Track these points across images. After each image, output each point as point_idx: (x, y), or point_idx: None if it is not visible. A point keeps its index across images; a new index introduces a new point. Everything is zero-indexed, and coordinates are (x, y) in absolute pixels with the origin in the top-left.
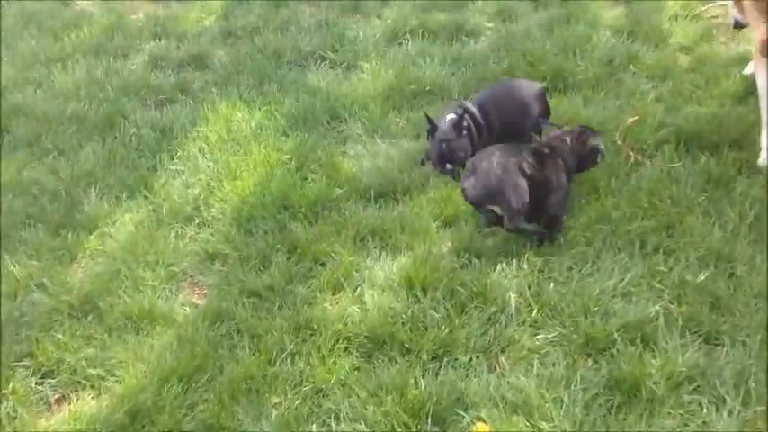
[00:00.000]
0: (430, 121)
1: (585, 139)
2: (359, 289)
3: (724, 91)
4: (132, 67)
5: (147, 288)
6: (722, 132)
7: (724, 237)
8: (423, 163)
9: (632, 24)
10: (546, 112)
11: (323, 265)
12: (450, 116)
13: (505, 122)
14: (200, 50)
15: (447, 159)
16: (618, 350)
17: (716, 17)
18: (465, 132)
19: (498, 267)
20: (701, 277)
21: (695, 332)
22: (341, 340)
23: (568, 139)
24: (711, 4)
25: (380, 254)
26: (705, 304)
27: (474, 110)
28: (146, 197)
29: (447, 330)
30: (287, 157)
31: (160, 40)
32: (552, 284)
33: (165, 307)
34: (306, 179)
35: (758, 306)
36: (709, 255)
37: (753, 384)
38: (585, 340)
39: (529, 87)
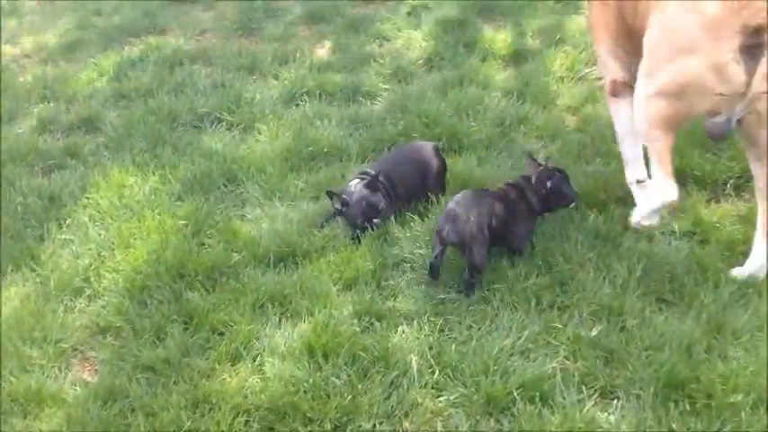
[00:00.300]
0: (333, 195)
1: (545, 180)
2: (259, 358)
3: (609, 149)
4: (19, 131)
5: (34, 367)
6: (608, 190)
7: (614, 291)
8: (322, 226)
9: (521, 86)
10: (444, 168)
11: (221, 334)
12: (357, 180)
13: (407, 184)
14: (91, 113)
15: (371, 216)
16: (518, 409)
17: (600, 79)
18: (378, 188)
19: (399, 329)
20: (595, 332)
21: (591, 387)
22: (241, 414)
23: (533, 180)
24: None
25: (280, 320)
26: (599, 359)
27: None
28: (32, 269)
29: (350, 397)
30: (182, 222)
31: (49, 102)
32: (453, 345)
33: (54, 386)
34: (202, 245)
35: (650, 359)
36: (600, 309)
37: None
38: (487, 400)
39: (424, 148)
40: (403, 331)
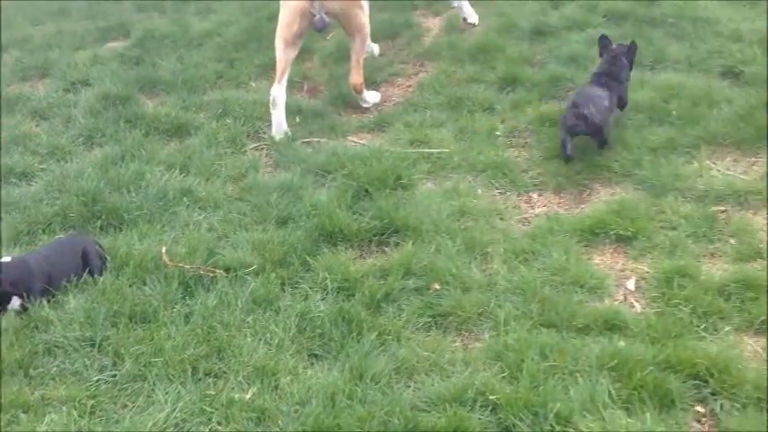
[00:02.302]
0: None
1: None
2: None
3: (268, 216)
4: None
5: None
6: (266, 254)
7: (269, 352)
8: None
9: (185, 159)
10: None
11: None
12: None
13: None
14: None
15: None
16: None
17: (261, 148)
18: None
19: (47, 419)
20: (249, 394)
21: None
22: None
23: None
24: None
25: None
26: (251, 420)
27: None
28: None
29: None
30: None
31: None
32: (101, 427)
33: None
34: None
35: (298, 413)
36: (256, 371)
37: None
38: None
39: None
40: (51, 420)
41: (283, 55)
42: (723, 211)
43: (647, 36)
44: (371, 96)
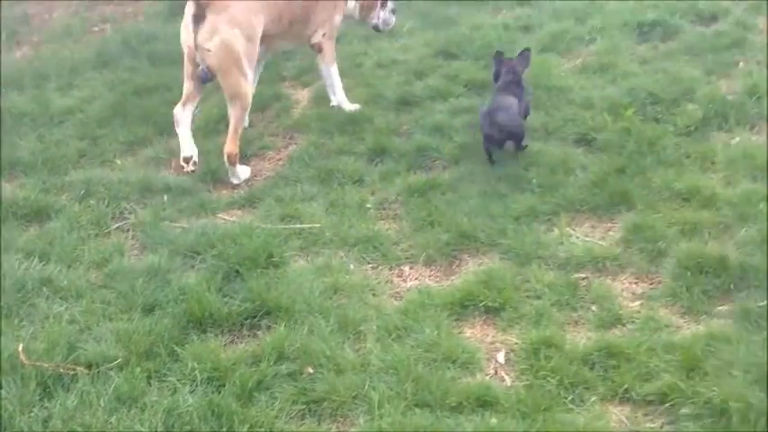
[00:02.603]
0: None
1: None
2: None
3: (134, 305)
4: None
5: None
6: (131, 345)
7: None
8: None
9: (45, 246)
10: None
11: None
12: None
13: None
14: None
15: None
16: None
17: (127, 229)
18: None
19: None
20: None
21: None
22: None
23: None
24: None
25: None
26: None
27: None
28: None
29: None
30: None
31: None
32: None
33: None
34: None
35: None
36: None
37: None
38: None
39: None
40: None
41: (186, 83)
42: (584, 278)
43: None
44: (242, 171)
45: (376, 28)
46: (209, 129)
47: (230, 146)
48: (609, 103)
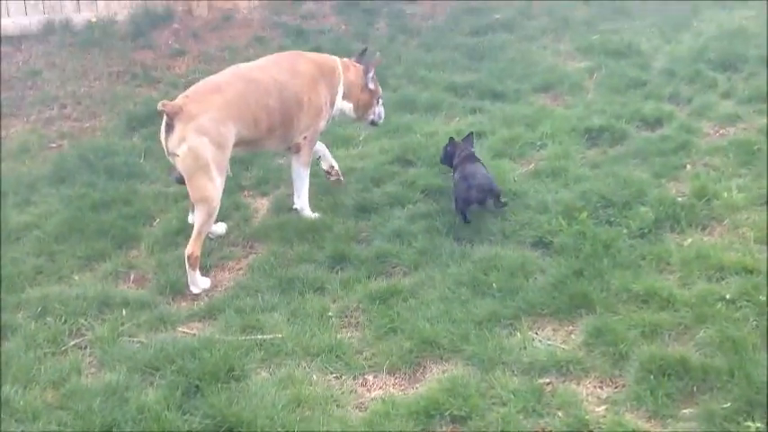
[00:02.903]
0: None
1: None
2: None
3: (90, 425)
4: None
5: None
6: None
7: None
8: None
9: (1, 367)
10: None
11: None
12: None
13: None
14: None
15: None
16: None
17: (84, 346)
18: None
19: None
20: None
21: None
22: None
23: None
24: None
25: None
26: None
27: None
28: None
29: None
30: None
31: None
32: None
33: None
34: None
35: None
36: None
37: None
38: None
39: None
40: None
41: None
42: (548, 383)
43: None
44: (202, 282)
45: (373, 123)
46: (168, 241)
47: (193, 247)
48: (563, 207)
